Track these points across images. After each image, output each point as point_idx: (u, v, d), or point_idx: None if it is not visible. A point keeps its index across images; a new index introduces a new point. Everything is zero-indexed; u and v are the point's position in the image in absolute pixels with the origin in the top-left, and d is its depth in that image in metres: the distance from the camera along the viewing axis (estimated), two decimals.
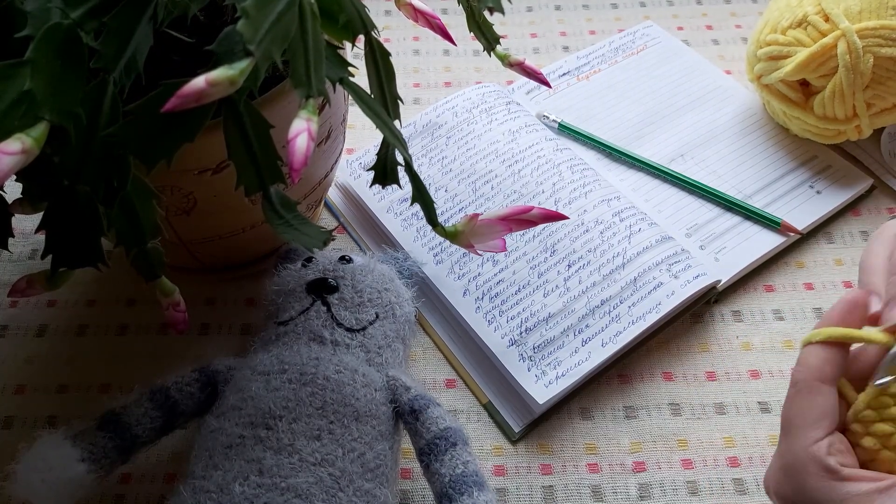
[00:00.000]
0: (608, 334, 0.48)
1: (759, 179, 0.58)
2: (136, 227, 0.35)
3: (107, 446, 0.39)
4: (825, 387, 0.35)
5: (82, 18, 0.31)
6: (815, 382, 0.35)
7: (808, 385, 0.35)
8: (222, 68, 0.27)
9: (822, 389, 0.35)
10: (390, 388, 0.42)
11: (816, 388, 0.35)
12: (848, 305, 0.36)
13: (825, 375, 0.35)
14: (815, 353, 0.35)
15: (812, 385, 0.35)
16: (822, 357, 0.35)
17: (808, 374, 0.35)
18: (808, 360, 0.35)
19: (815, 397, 0.35)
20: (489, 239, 0.41)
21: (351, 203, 0.58)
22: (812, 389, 0.35)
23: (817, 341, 0.35)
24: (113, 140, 0.32)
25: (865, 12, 0.54)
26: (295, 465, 0.37)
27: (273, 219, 0.34)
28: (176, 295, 0.40)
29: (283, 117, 0.34)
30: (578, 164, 0.57)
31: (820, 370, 0.35)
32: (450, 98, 0.61)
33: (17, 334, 0.52)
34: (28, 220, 0.53)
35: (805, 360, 0.36)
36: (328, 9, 0.34)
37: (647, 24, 0.70)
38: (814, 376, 0.35)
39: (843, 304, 0.36)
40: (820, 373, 0.35)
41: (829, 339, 0.35)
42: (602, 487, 0.45)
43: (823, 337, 0.35)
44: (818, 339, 0.35)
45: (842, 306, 0.36)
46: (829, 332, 0.35)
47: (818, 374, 0.35)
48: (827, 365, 0.35)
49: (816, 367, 0.35)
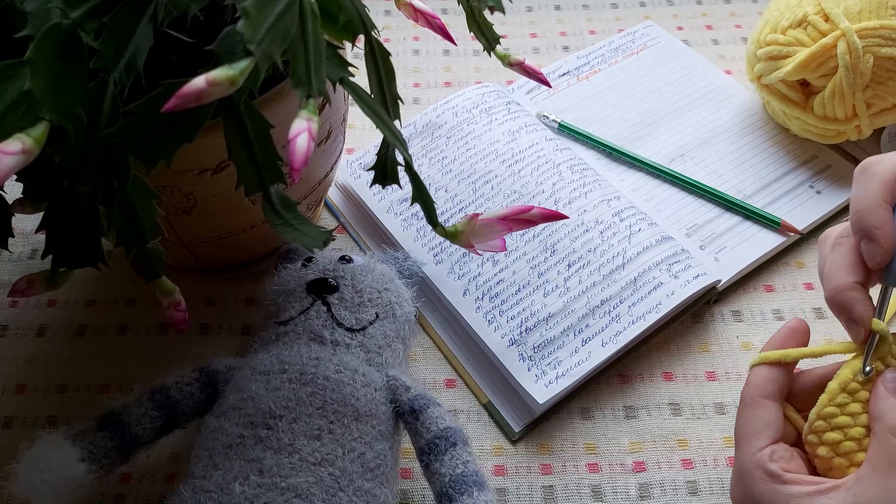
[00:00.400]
0: (608, 334, 0.48)
1: (759, 179, 0.58)
2: (136, 227, 0.36)
3: (107, 446, 0.39)
4: (767, 402, 0.39)
5: (82, 18, 0.31)
6: (758, 398, 0.39)
7: (752, 400, 0.39)
8: (222, 68, 0.27)
9: (764, 404, 0.39)
10: (390, 387, 0.42)
11: (759, 402, 0.39)
12: (789, 332, 0.41)
13: (767, 392, 0.39)
14: (758, 372, 0.40)
15: (755, 400, 0.39)
16: (763, 376, 0.40)
17: (751, 391, 0.39)
18: (752, 379, 0.40)
19: (757, 411, 0.39)
20: (489, 239, 0.41)
21: (351, 203, 0.58)
22: (755, 404, 0.39)
23: (760, 363, 0.40)
24: (113, 140, 0.32)
25: (865, 12, 0.54)
26: (295, 464, 0.37)
27: (273, 219, 0.34)
28: (176, 295, 0.40)
29: (284, 117, 0.35)
30: (578, 164, 0.57)
31: (762, 387, 0.39)
32: (450, 98, 0.61)
33: (17, 334, 0.52)
34: (28, 220, 0.53)
35: (750, 380, 0.40)
36: (328, 9, 0.34)
37: (647, 24, 0.70)
38: (756, 392, 0.39)
39: (786, 330, 0.41)
40: (762, 389, 0.39)
41: (769, 360, 0.40)
42: (602, 487, 0.45)
43: (764, 359, 0.40)
44: (760, 361, 0.40)
45: (783, 332, 0.41)
46: (768, 355, 0.40)
47: (760, 390, 0.39)
48: (768, 383, 0.39)
49: (758, 384, 0.39)
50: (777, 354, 0.40)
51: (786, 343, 0.41)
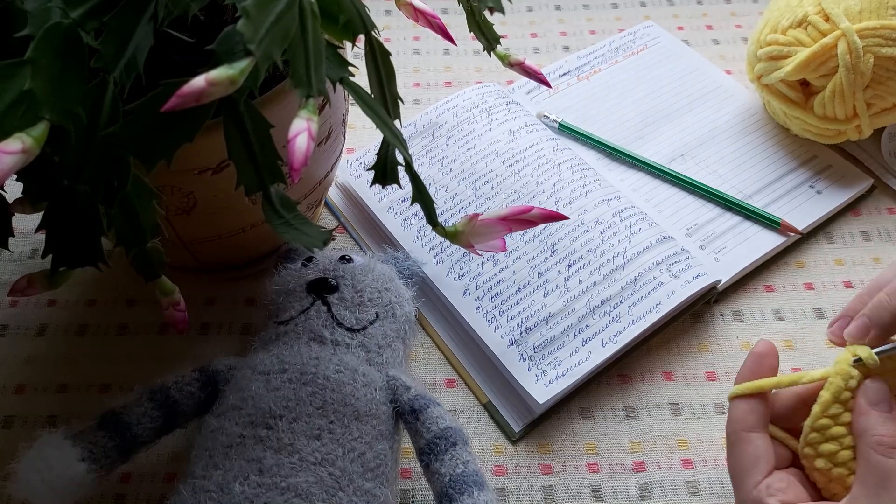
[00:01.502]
0: (608, 334, 0.48)
1: (759, 179, 0.58)
2: (136, 227, 0.36)
3: (107, 446, 0.39)
4: (752, 434, 0.38)
5: (82, 18, 0.31)
6: (742, 433, 0.39)
7: (737, 436, 0.39)
8: (222, 68, 0.27)
9: (750, 437, 0.38)
10: (390, 387, 0.42)
11: (744, 437, 0.38)
12: (756, 357, 0.40)
13: (749, 424, 0.39)
14: (737, 406, 0.39)
15: (740, 436, 0.38)
16: (742, 409, 0.39)
17: (734, 426, 0.39)
18: (733, 414, 0.39)
19: (744, 446, 0.38)
20: (489, 239, 0.41)
21: (351, 203, 0.58)
22: (740, 440, 0.38)
23: (735, 396, 0.40)
24: (113, 140, 0.32)
25: (865, 12, 0.54)
26: (295, 464, 0.37)
27: (273, 218, 0.34)
28: (176, 295, 0.40)
29: (284, 117, 0.34)
30: (579, 163, 0.57)
31: (743, 420, 0.39)
32: (450, 98, 0.61)
33: (17, 334, 0.52)
34: (28, 220, 0.53)
35: (730, 415, 0.39)
36: (328, 9, 0.34)
37: (647, 23, 0.70)
38: (740, 427, 0.39)
39: (752, 356, 0.40)
40: (744, 423, 0.39)
41: (745, 392, 0.39)
42: (602, 487, 0.45)
43: (740, 391, 0.39)
44: (735, 394, 0.40)
45: (751, 360, 0.40)
46: (744, 387, 0.39)
47: (742, 424, 0.39)
48: (749, 415, 0.39)
49: (740, 418, 0.39)
50: (752, 386, 0.39)
51: (756, 370, 0.40)
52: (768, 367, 0.40)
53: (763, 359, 0.40)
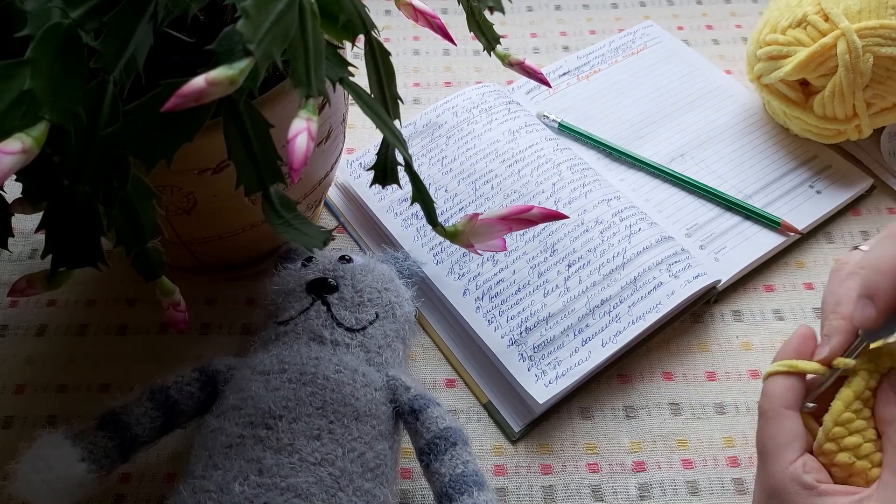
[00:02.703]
0: (608, 334, 0.48)
1: (759, 179, 0.58)
2: (136, 227, 0.36)
3: (107, 446, 0.39)
4: (790, 412, 0.38)
5: (82, 18, 0.31)
6: (781, 409, 0.38)
7: (776, 412, 0.38)
8: (222, 68, 0.27)
9: (789, 415, 0.38)
10: (390, 387, 0.42)
11: (783, 413, 0.38)
12: (801, 339, 0.40)
13: (788, 402, 0.38)
14: (777, 382, 0.39)
15: (779, 412, 0.38)
16: (783, 385, 0.39)
17: (773, 402, 0.38)
18: (772, 389, 0.39)
19: (783, 422, 0.38)
20: (489, 238, 0.41)
21: (351, 203, 0.58)
22: (779, 415, 0.38)
23: (773, 373, 0.39)
24: (113, 140, 0.32)
25: (865, 12, 0.54)
26: (295, 464, 0.37)
27: (273, 218, 0.34)
28: (176, 295, 0.40)
29: (283, 117, 0.35)
30: (578, 163, 0.57)
31: (783, 397, 0.38)
32: (450, 98, 0.61)
33: (17, 334, 0.52)
34: (28, 220, 0.53)
35: (769, 391, 0.39)
36: (328, 9, 0.34)
37: (647, 23, 0.70)
38: (779, 403, 0.38)
39: (798, 337, 0.40)
40: (784, 400, 0.38)
41: (785, 370, 0.39)
42: (602, 487, 0.45)
43: (779, 368, 0.39)
44: (774, 371, 0.39)
45: (797, 340, 0.40)
46: (786, 364, 0.39)
47: (782, 401, 0.38)
48: (789, 392, 0.38)
49: (780, 395, 0.38)
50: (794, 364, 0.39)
51: (799, 351, 0.40)
52: (810, 350, 0.40)
53: (807, 341, 0.40)
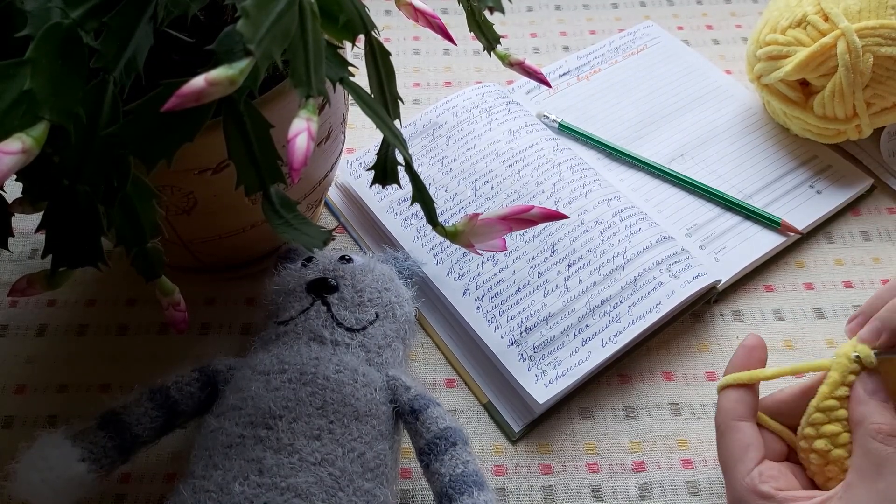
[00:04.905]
0: (608, 334, 0.48)
1: (759, 179, 0.58)
2: (136, 227, 0.36)
3: (107, 446, 0.39)
4: (741, 423, 0.39)
5: (82, 18, 0.31)
6: (731, 422, 0.39)
7: (726, 425, 0.39)
8: (222, 68, 0.27)
9: (739, 426, 0.39)
10: (390, 387, 0.42)
11: (733, 426, 0.39)
12: (746, 350, 0.41)
13: (738, 414, 0.39)
14: (726, 396, 0.40)
15: (729, 425, 0.39)
16: (731, 398, 0.40)
17: (725, 416, 0.40)
18: (722, 403, 0.40)
19: (734, 435, 0.39)
20: (489, 238, 0.41)
21: (351, 203, 0.58)
22: (730, 429, 0.39)
23: (725, 387, 0.40)
24: (113, 140, 0.32)
25: (865, 11, 0.54)
26: (295, 464, 0.37)
27: (273, 218, 0.34)
28: (176, 295, 0.40)
29: (283, 117, 0.34)
30: (578, 163, 0.57)
31: (733, 410, 0.40)
32: (450, 98, 0.61)
33: (17, 334, 0.52)
34: (28, 220, 0.53)
35: (720, 405, 0.40)
36: (328, 8, 0.34)
37: (647, 23, 0.70)
38: (729, 417, 0.39)
39: (742, 349, 0.41)
40: (733, 412, 0.39)
41: (734, 383, 0.40)
42: (602, 487, 0.45)
43: (729, 381, 0.40)
44: (724, 384, 0.40)
45: (742, 352, 0.41)
46: (733, 377, 0.40)
47: (732, 413, 0.39)
48: (737, 404, 0.40)
49: (729, 408, 0.40)
50: (741, 377, 0.40)
51: (746, 362, 0.41)
52: (757, 359, 0.41)
53: (753, 351, 0.41)
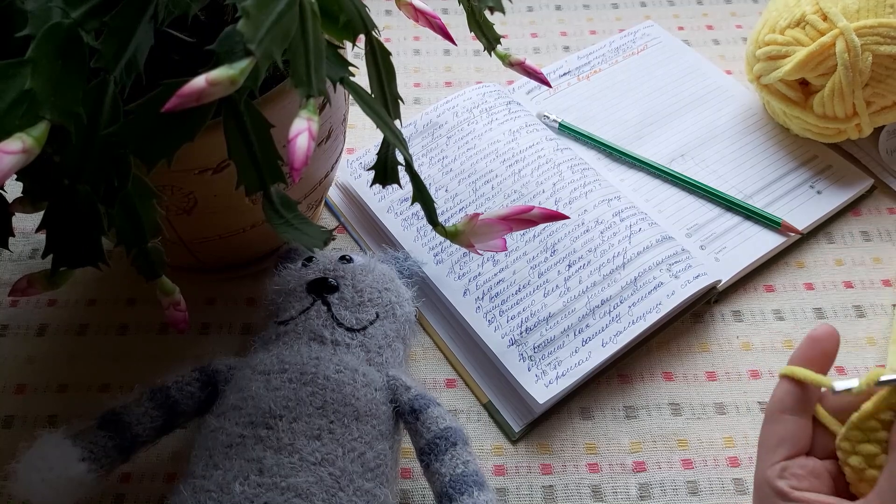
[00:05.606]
0: (608, 334, 0.48)
1: (759, 179, 0.58)
2: (136, 227, 0.36)
3: (107, 445, 0.39)
4: (785, 416, 0.38)
5: (83, 18, 0.31)
6: (776, 413, 0.38)
7: (770, 415, 0.38)
8: (223, 68, 0.27)
9: (782, 419, 0.38)
10: (390, 387, 0.42)
11: (776, 417, 0.38)
12: (810, 341, 0.39)
13: (785, 406, 0.38)
14: (780, 385, 0.39)
15: (773, 415, 0.38)
16: (783, 390, 0.38)
17: (770, 405, 0.39)
18: (775, 392, 0.39)
19: (773, 426, 0.38)
20: (489, 238, 0.41)
21: (351, 203, 0.58)
22: (772, 419, 0.38)
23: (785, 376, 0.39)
24: (113, 139, 0.32)
25: (863, 10, 0.54)
26: (295, 464, 0.37)
27: (273, 218, 0.34)
28: (176, 294, 0.40)
29: (284, 117, 0.35)
30: (579, 163, 0.57)
31: (780, 401, 0.38)
32: (450, 98, 0.61)
33: (17, 334, 0.52)
34: (28, 220, 0.53)
35: (773, 394, 0.39)
36: (328, 8, 0.34)
37: (647, 23, 0.70)
38: (775, 408, 0.38)
39: (807, 340, 0.39)
40: (780, 404, 0.38)
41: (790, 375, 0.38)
42: (602, 487, 0.45)
43: (785, 373, 0.39)
44: (784, 374, 0.39)
45: (806, 343, 0.39)
46: (788, 370, 0.39)
47: (779, 405, 0.38)
48: (787, 396, 0.38)
49: (778, 398, 0.38)
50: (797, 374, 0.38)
51: (808, 354, 0.39)
52: (821, 351, 0.39)
53: (817, 343, 0.39)
